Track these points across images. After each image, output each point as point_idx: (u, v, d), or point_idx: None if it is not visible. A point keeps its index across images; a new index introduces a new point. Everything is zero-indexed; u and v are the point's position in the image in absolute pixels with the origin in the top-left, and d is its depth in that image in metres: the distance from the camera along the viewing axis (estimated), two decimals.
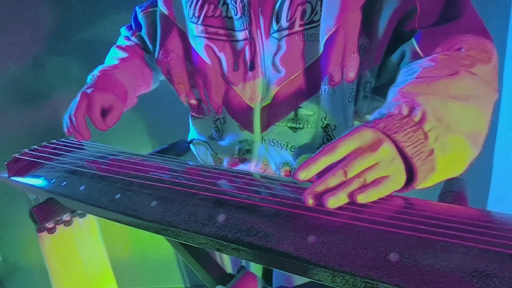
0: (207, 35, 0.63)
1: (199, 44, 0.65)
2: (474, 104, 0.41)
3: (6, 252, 1.56)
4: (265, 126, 0.64)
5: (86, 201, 0.45)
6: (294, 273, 0.30)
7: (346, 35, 0.53)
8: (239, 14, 0.58)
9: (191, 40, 0.67)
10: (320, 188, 0.32)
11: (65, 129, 0.64)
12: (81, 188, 0.47)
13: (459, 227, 0.29)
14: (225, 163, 0.70)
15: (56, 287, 0.63)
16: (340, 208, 0.33)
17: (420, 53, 0.48)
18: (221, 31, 0.62)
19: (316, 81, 0.58)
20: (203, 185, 0.41)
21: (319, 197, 0.32)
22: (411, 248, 0.27)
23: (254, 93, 0.63)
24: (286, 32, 0.56)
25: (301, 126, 0.62)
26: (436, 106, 0.37)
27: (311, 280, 0.30)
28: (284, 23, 0.56)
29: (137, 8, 0.75)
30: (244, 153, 0.67)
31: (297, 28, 0.55)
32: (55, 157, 0.59)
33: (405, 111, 0.37)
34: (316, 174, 0.33)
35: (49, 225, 0.58)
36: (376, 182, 0.33)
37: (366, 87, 0.57)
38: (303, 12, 0.54)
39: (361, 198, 0.32)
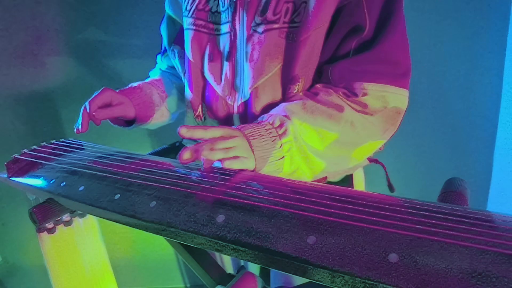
0: (195, 27, 0.64)
1: (186, 38, 0.66)
2: (345, 137, 0.53)
3: (6, 252, 1.56)
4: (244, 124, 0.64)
5: (85, 202, 0.45)
6: (293, 274, 0.30)
7: (315, 40, 0.55)
8: (226, 6, 0.59)
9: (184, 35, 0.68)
10: (193, 148, 0.44)
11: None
12: (81, 188, 0.47)
13: (458, 227, 0.29)
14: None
15: (56, 287, 0.63)
16: (339, 208, 0.33)
17: (331, 80, 0.55)
18: (209, 25, 0.63)
19: (291, 80, 0.58)
20: (202, 185, 0.41)
21: (193, 155, 0.43)
22: (410, 249, 0.27)
23: (231, 89, 0.63)
24: (269, 26, 0.57)
25: None
26: (301, 128, 0.50)
27: (310, 280, 0.30)
28: (270, 16, 0.56)
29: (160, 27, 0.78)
30: None
31: (280, 24, 0.56)
32: (54, 157, 0.59)
33: (276, 123, 0.49)
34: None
35: (49, 225, 0.58)
36: (233, 157, 0.45)
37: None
38: (287, 10, 0.55)
39: (227, 164, 0.44)
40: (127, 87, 0.72)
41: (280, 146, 0.48)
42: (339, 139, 0.53)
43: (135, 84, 0.73)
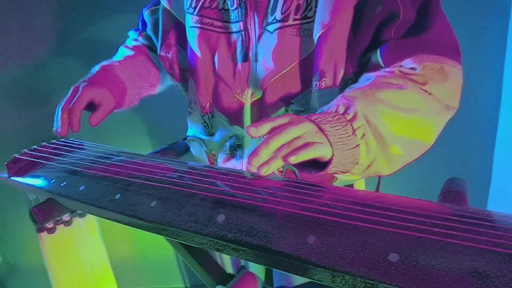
0: (202, 26, 0.64)
1: (192, 36, 0.65)
2: (416, 116, 0.47)
3: (6, 252, 1.56)
4: (255, 121, 0.63)
5: (86, 201, 0.45)
6: (294, 273, 0.30)
7: (338, 33, 0.53)
8: (235, 5, 0.59)
9: (187, 32, 0.67)
10: (255, 163, 0.37)
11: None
12: (81, 188, 0.47)
13: (459, 227, 0.29)
14: (219, 159, 0.70)
15: (56, 287, 0.63)
16: (340, 208, 0.33)
17: (382, 64, 0.52)
18: (217, 23, 0.62)
19: (308, 77, 0.58)
20: (203, 185, 0.41)
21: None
22: (410, 249, 0.27)
23: (244, 87, 0.62)
24: (279, 25, 0.56)
25: None
26: (370, 110, 0.44)
27: (311, 280, 0.30)
28: (278, 15, 0.56)
29: (143, 9, 0.77)
30: (235, 149, 0.67)
31: (290, 21, 0.56)
32: (55, 157, 0.59)
33: (340, 110, 0.43)
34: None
35: (49, 225, 0.58)
36: (304, 146, 0.38)
37: (348, 83, 0.57)
38: (298, 7, 0.55)
39: (292, 159, 0.36)
40: (98, 70, 0.68)
41: (353, 133, 0.42)
42: (410, 118, 0.47)
43: (107, 64, 0.70)
